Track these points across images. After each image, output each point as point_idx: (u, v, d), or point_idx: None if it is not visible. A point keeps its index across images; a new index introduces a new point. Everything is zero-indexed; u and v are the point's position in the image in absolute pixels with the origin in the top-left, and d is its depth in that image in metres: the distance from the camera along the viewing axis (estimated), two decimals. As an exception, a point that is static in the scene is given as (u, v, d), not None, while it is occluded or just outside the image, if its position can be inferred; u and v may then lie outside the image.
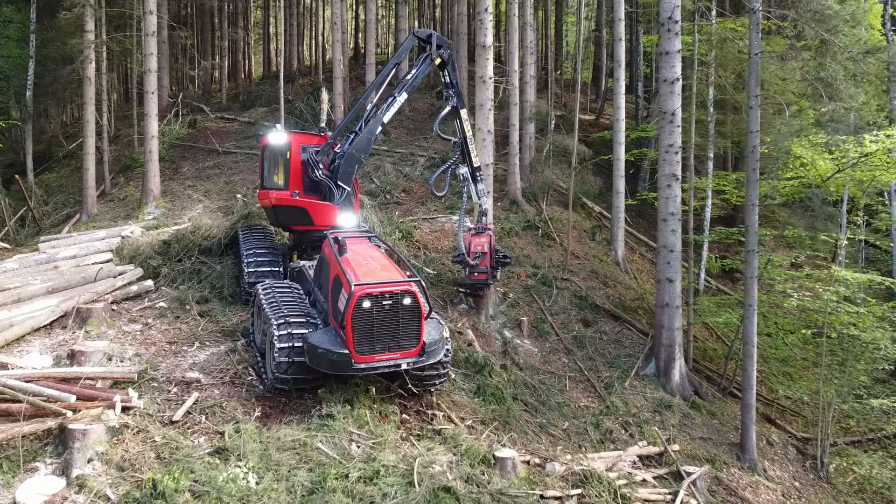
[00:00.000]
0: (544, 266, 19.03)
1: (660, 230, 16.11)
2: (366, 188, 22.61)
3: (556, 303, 17.69)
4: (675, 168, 15.77)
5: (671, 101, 15.71)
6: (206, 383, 11.01)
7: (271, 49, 48.09)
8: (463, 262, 15.49)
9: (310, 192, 13.93)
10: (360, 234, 12.38)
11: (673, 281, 15.84)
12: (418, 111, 31.52)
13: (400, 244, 18.21)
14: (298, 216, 13.58)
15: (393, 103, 14.25)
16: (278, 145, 13.90)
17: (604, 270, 20.15)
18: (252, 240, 14.93)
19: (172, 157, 27.66)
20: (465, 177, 15.47)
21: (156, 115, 21.69)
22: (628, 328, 17.76)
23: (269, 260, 14.25)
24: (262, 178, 14.20)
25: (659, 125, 15.96)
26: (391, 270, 10.64)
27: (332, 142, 13.92)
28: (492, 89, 16.49)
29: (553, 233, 20.98)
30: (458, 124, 15.21)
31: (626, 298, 19.22)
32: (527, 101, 23.99)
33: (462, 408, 11.96)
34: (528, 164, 23.81)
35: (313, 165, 13.39)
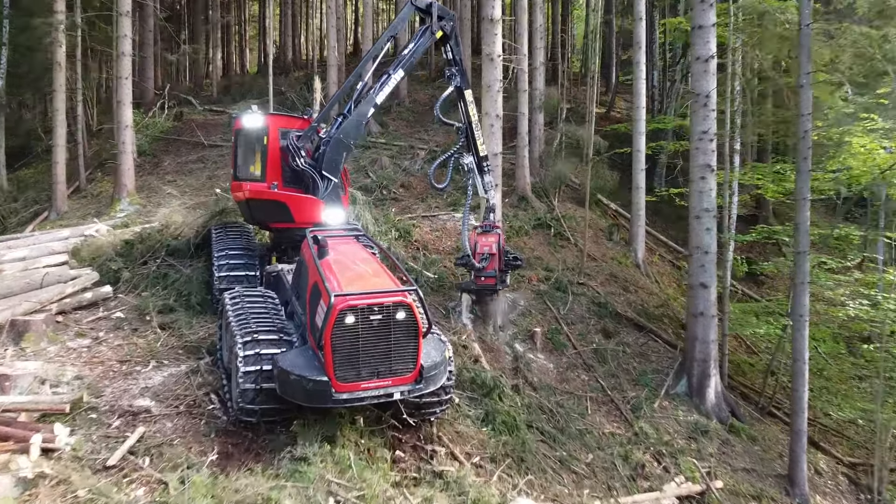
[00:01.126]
0: (558, 269, 17.07)
1: (692, 229, 14.14)
2: (360, 183, 20.67)
3: (573, 311, 15.72)
4: (709, 158, 13.80)
5: (705, 82, 13.75)
6: (158, 414, 9.05)
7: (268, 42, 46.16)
8: (468, 265, 13.55)
9: (290, 184, 12.00)
10: (348, 232, 10.43)
11: (708, 287, 13.87)
12: (418, 102, 29.58)
13: (397, 245, 16.26)
14: (276, 212, 11.62)
15: (387, 82, 12.29)
16: (254, 129, 11.96)
17: (623, 274, 18.18)
18: (225, 239, 12.99)
19: (155, 151, 25.82)
20: (469, 167, 13.51)
21: (130, 102, 19.77)
22: (654, 339, 15.79)
23: (243, 263, 12.31)
24: (234, 168, 12.24)
25: (691, 109, 13.99)
26: (382, 277, 8.69)
27: (317, 126, 11.98)
28: (500, 69, 14.51)
29: (566, 232, 19.01)
30: (462, 107, 13.27)
31: (649, 305, 17.25)
32: (536, 88, 22.02)
33: (468, 440, 10.00)
34: (537, 157, 21.83)
35: (294, 153, 11.42)
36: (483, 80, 14.59)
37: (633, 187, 19.33)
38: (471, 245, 13.52)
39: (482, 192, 13.92)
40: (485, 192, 13.90)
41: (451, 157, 13.41)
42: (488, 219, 13.99)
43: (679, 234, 25.43)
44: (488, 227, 13.84)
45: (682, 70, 27.10)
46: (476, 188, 13.79)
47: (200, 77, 40.18)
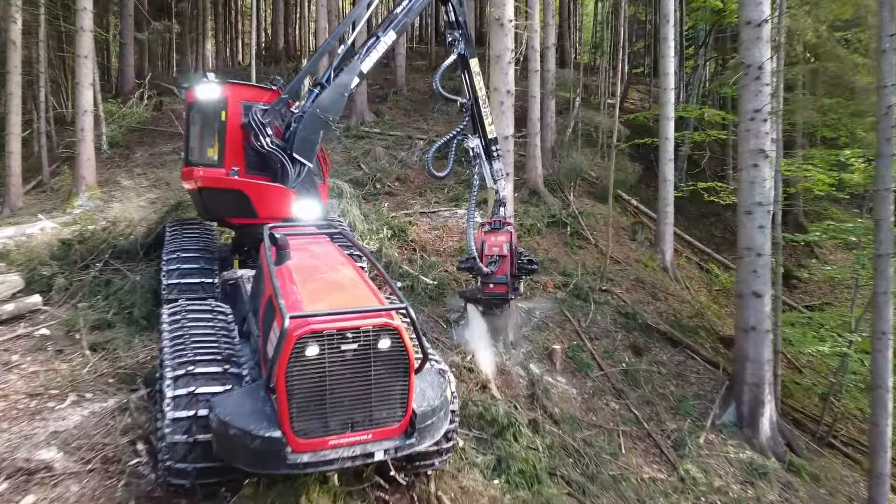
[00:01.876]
0: (577, 273, 14.76)
1: (742, 226, 11.85)
2: (350, 175, 18.36)
3: (596, 323, 13.41)
4: (762, 141, 11.51)
5: (757, 51, 11.46)
6: (62, 471, 6.75)
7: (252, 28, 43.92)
8: (473, 270, 11.28)
9: (255, 171, 9.71)
10: (320, 230, 8.15)
11: (761, 296, 11.58)
12: (417, 91, 27.28)
13: (390, 246, 13.94)
14: (235, 204, 9.30)
15: (375, 45, 10.04)
16: (209, 103, 9.64)
17: (651, 279, 15.86)
18: (180, 239, 10.69)
19: (129, 143, 23.50)
20: (476, 152, 11.27)
21: (90, 84, 17.44)
22: (691, 356, 13.49)
23: (198, 268, 9.99)
24: (186, 151, 9.91)
25: (741, 83, 11.68)
26: (361, 291, 6.37)
27: (287, 98, 9.68)
28: (512, 36, 12.21)
29: (585, 231, 16.70)
30: (467, 79, 11.06)
31: (682, 315, 14.93)
32: (548, 69, 19.69)
33: (475, 499, 7.68)
34: (549, 147, 19.51)
35: (259, 131, 9.15)
36: (491, 49, 12.28)
37: (660, 180, 17.02)
38: (477, 246, 11.26)
39: (490, 183, 11.68)
40: (493, 183, 11.66)
41: (453, 140, 11.12)
42: (498, 214, 11.74)
43: (703, 233, 23.18)
44: (498, 224, 11.59)
45: (706, 55, 24.79)
46: (483, 177, 11.55)
47: (187, 67, 37.89)
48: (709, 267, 19.76)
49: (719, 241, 23.50)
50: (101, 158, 21.88)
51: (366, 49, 10.04)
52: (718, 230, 23.83)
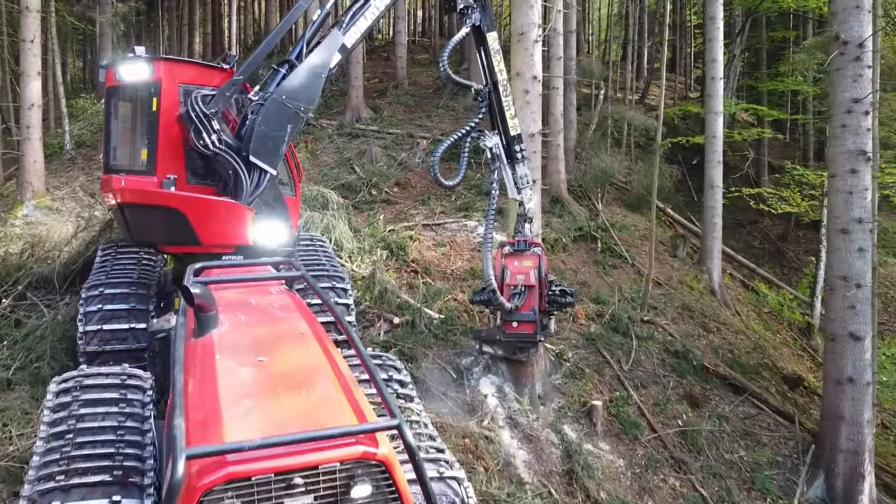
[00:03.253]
0: (613, 300, 12.20)
1: (834, 249, 9.28)
2: (341, 180, 15.81)
3: (640, 364, 10.84)
4: (863, 140, 8.94)
5: (856, 24, 8.90)
6: None
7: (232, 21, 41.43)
8: (492, 304, 8.72)
9: (200, 179, 7.19)
10: (272, 272, 5.62)
11: (861, 339, 9.01)
12: (419, 86, 24.70)
13: (388, 269, 11.39)
14: (169, 226, 6.74)
15: (364, 10, 7.55)
16: (136, 86, 7.08)
17: (699, 305, 13.29)
18: (108, 268, 8.17)
19: (95, 143, 20.91)
20: (495, 153, 8.73)
21: (37, 74, 14.88)
22: (757, 405, 10.91)
23: (127, 309, 7.44)
24: (105, 152, 7.33)
25: (833, 65, 9.11)
26: (325, 390, 3.79)
27: (243, 80, 7.14)
28: (539, 7, 9.65)
29: (618, 246, 14.13)
30: (484, 59, 8.58)
31: (739, 350, 12.38)
32: (570, 57, 17.12)
33: None
34: (572, 147, 16.94)
35: (200, 124, 6.61)
36: (513, 23, 9.73)
37: (707, 186, 14.43)
38: (496, 273, 8.72)
39: (513, 192, 9.14)
40: (517, 193, 9.11)
41: (466, 138, 8.53)
42: (522, 233, 9.19)
43: (741, 244, 20.64)
44: (523, 246, 9.04)
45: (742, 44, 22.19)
46: (504, 185, 9.00)
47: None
48: (755, 285, 17.20)
49: (759, 252, 20.95)
50: (63, 160, 19.46)
51: (350, 15, 7.57)
52: (757, 240, 21.28)
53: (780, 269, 20.77)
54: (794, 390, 12.43)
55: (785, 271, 20.74)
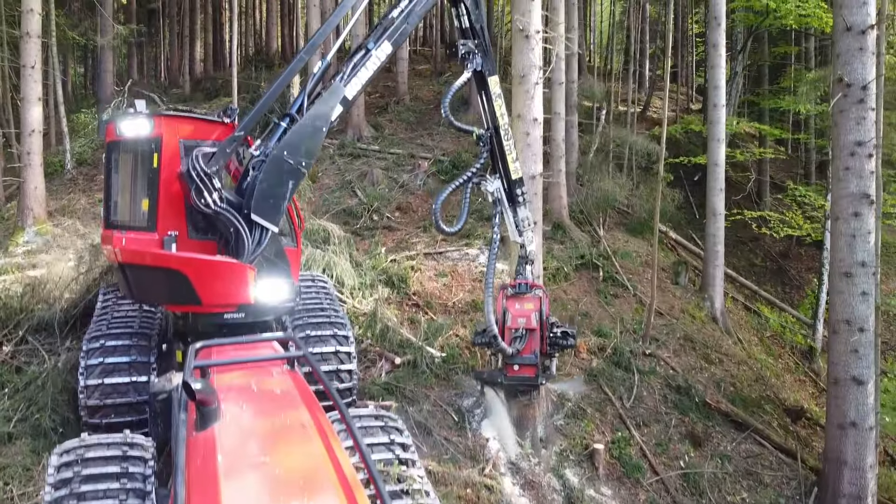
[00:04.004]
0: (615, 333, 12.18)
1: (837, 292, 9.25)
2: (343, 204, 15.79)
3: (642, 401, 10.83)
4: (866, 183, 8.93)
5: (860, 66, 8.88)
6: None
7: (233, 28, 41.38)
8: (493, 346, 8.69)
9: (202, 233, 7.16)
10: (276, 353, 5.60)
11: (864, 383, 9.00)
12: (421, 100, 24.64)
13: (389, 303, 11.37)
14: (171, 287, 6.69)
15: (365, 61, 7.51)
16: (137, 142, 7.06)
17: (701, 335, 13.27)
18: (109, 316, 8.17)
19: (96, 161, 20.87)
20: (496, 197, 8.72)
21: (38, 100, 14.86)
22: (759, 442, 10.88)
23: (128, 362, 7.45)
24: (105, 207, 7.31)
25: (836, 107, 9.08)
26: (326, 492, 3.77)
27: (244, 134, 7.11)
28: (540, 51, 9.60)
29: (620, 275, 14.09)
30: (485, 103, 8.58)
31: (741, 382, 12.36)
32: (572, 80, 17.09)
33: None
34: (573, 170, 16.90)
35: (201, 183, 6.57)
36: (514, 66, 9.69)
37: (709, 213, 14.41)
38: (498, 316, 8.72)
39: (515, 235, 9.15)
40: (519, 235, 9.11)
41: (468, 183, 8.53)
42: (523, 275, 9.16)
43: (742, 262, 20.60)
44: (524, 288, 9.02)
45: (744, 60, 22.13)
46: (506, 227, 9.01)
47: (175, 71, 35.36)
48: (757, 308, 17.18)
49: (760, 270, 20.92)
50: (64, 180, 19.44)
51: (352, 66, 7.52)
52: (759, 257, 21.23)
53: (782, 287, 20.74)
54: (797, 422, 12.41)
55: (787, 290, 20.71)
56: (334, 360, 8.22)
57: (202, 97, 28.86)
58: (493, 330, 8.33)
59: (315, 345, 8.20)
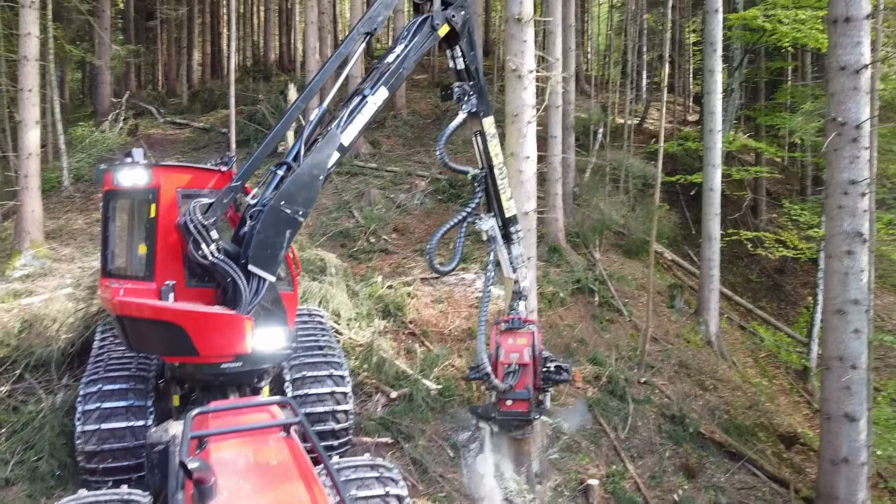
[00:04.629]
0: (610, 360, 12.23)
1: (831, 329, 9.32)
2: (340, 227, 15.85)
3: (637, 431, 10.89)
4: (859, 221, 8.99)
5: (854, 106, 8.95)
6: None
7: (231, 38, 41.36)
8: (486, 382, 8.73)
9: (199, 281, 7.21)
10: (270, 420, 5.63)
11: (856, 420, 9.07)
12: (419, 114, 24.69)
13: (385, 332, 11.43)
14: (168, 339, 6.72)
15: (361, 108, 7.55)
16: (134, 193, 7.12)
17: (696, 361, 13.34)
18: (104, 358, 8.23)
19: (93, 177, 20.87)
20: (490, 235, 8.80)
21: (35, 123, 14.87)
22: (753, 472, 10.97)
23: (125, 406, 7.52)
24: (103, 256, 7.37)
25: (830, 146, 9.15)
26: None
27: (242, 185, 7.16)
28: (533, 90, 9.69)
29: (615, 300, 14.16)
30: (480, 144, 8.64)
31: (736, 409, 12.42)
32: (569, 102, 17.15)
33: None
34: (570, 191, 16.96)
35: (201, 235, 6.61)
36: (507, 105, 9.75)
37: (704, 238, 14.50)
38: (492, 350, 8.81)
39: (509, 272, 9.23)
40: (513, 272, 9.18)
41: (463, 223, 8.59)
42: (517, 310, 9.23)
43: (738, 278, 20.69)
44: (518, 323, 9.08)
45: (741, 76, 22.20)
46: (501, 264, 9.09)
47: (173, 79, 35.33)
48: (752, 327, 17.26)
49: (756, 286, 20.99)
50: (61, 197, 19.45)
51: (348, 112, 7.55)
52: (755, 273, 21.30)
53: (778, 303, 20.82)
54: (790, 449, 12.50)
55: (782, 306, 20.79)
56: (330, 401, 8.28)
57: (200, 108, 28.90)
58: (487, 368, 8.38)
59: (311, 386, 8.27)
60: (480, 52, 8.83)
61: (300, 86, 23.02)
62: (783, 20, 16.64)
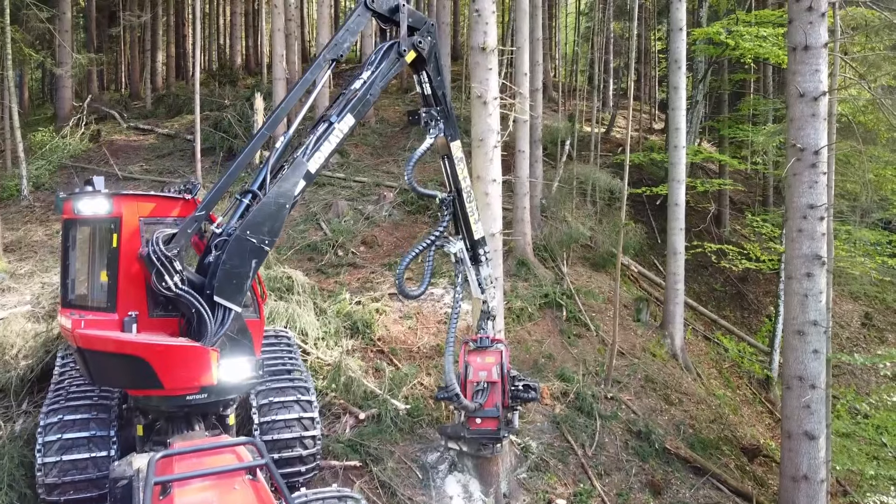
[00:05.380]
0: (577, 376, 12.34)
1: (791, 349, 9.51)
2: (308, 240, 15.75)
3: (604, 448, 11.01)
4: (818, 245, 9.19)
5: (813, 131, 9.15)
6: None
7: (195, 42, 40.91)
8: (455, 402, 8.73)
9: (163, 310, 7.11)
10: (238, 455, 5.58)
11: (815, 438, 9.26)
12: (387, 122, 24.65)
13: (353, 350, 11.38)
14: (132, 373, 6.62)
15: (327, 135, 7.52)
16: (95, 222, 6.99)
17: (662, 374, 13.52)
18: (65, 386, 8.06)
19: (55, 185, 20.44)
20: (459, 257, 8.84)
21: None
22: (717, 486, 11.16)
23: (87, 437, 7.38)
24: (63, 286, 7.22)
25: (790, 171, 9.36)
26: None
27: (205, 215, 7.05)
28: (497, 116, 9.79)
29: (583, 314, 14.29)
30: (448, 168, 8.68)
31: (700, 423, 12.63)
32: (537, 115, 17.26)
33: None
34: (537, 204, 17.07)
35: (164, 267, 6.51)
36: (473, 131, 9.85)
37: (669, 252, 14.72)
38: (461, 370, 8.85)
39: (477, 293, 9.28)
40: (481, 293, 9.22)
41: (431, 247, 8.61)
42: (485, 329, 9.28)
43: (703, 288, 21.05)
44: (486, 342, 9.12)
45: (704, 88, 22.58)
46: (469, 285, 9.13)
47: (137, 83, 34.69)
48: (716, 337, 17.57)
49: (721, 295, 21.37)
50: (20, 206, 19.00)
51: (315, 140, 7.50)
52: (719, 282, 21.68)
53: (742, 312, 21.22)
54: (753, 461, 12.75)
55: (745, 314, 21.20)
56: (298, 427, 8.23)
57: (164, 112, 28.44)
58: (455, 388, 8.38)
59: (278, 412, 8.21)
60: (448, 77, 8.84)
61: (266, 93, 22.80)
62: (745, 36, 16.98)
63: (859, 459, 11.17)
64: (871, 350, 21.11)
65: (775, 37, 16.62)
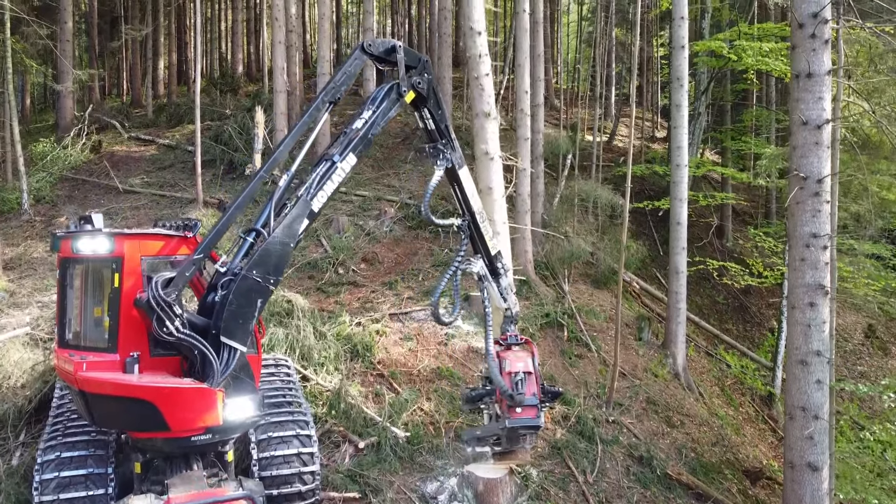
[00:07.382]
0: (579, 398, 12.29)
1: (793, 380, 9.47)
2: (308, 257, 15.70)
3: (605, 474, 10.95)
4: (821, 274, 9.14)
5: (816, 160, 9.09)
6: None
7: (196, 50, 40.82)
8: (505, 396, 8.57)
9: (164, 350, 7.05)
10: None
11: (818, 469, 9.21)
12: (388, 134, 24.53)
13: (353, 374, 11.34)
14: (137, 416, 6.58)
15: (331, 174, 7.52)
16: (95, 262, 6.95)
17: (664, 396, 13.47)
18: (63, 421, 8.03)
19: (55, 198, 20.47)
20: (481, 275, 8.86)
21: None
22: (719, 512, 11.11)
23: (84, 475, 7.33)
24: (59, 325, 7.18)
25: (792, 199, 9.31)
26: None
27: (203, 257, 7.00)
28: (500, 167, 10.04)
29: (584, 334, 14.24)
30: (458, 194, 8.65)
31: (702, 446, 12.58)
32: (538, 130, 17.20)
33: None
34: (539, 220, 17.03)
35: (164, 312, 6.45)
36: (481, 182, 10.12)
37: (671, 272, 14.66)
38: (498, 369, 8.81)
39: (500, 303, 9.26)
40: (504, 301, 9.23)
41: (456, 275, 8.62)
42: (511, 330, 9.27)
43: (705, 301, 21.00)
44: (514, 339, 9.12)
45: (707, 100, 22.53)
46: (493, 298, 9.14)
47: (138, 90, 34.66)
48: (718, 353, 17.52)
49: (723, 308, 21.33)
50: (20, 221, 18.97)
51: (318, 179, 7.51)
52: (721, 295, 21.62)
53: (744, 325, 21.18)
54: (756, 484, 12.70)
55: (748, 328, 21.16)
56: (297, 462, 8.18)
57: (166, 121, 28.43)
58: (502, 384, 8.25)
59: (277, 447, 8.15)
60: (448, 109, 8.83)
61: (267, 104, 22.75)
62: (748, 50, 16.93)
63: (862, 486, 11.10)
64: (875, 362, 21.10)
65: (778, 51, 16.59)
